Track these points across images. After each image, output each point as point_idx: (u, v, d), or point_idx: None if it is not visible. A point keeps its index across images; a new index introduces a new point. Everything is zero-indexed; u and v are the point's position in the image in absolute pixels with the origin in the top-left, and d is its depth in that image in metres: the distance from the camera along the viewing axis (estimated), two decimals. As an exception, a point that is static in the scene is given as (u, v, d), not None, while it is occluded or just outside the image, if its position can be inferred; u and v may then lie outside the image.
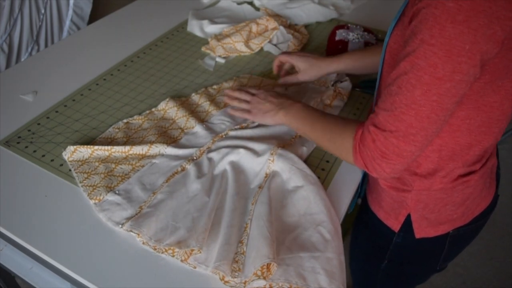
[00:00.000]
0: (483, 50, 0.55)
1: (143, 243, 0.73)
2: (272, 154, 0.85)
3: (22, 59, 2.28)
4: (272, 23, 1.30)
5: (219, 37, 1.27)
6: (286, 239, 0.73)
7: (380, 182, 0.82)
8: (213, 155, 0.88)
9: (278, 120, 0.86)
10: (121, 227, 0.75)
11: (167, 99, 1.03)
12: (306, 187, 0.80)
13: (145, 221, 0.74)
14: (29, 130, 0.96)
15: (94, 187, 0.81)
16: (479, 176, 0.75)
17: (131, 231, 0.74)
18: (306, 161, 0.90)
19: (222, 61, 1.22)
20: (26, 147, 0.92)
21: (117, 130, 0.95)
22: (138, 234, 0.73)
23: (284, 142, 0.91)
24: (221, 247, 0.70)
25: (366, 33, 1.19)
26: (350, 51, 1.05)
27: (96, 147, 0.88)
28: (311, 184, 0.81)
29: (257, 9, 1.46)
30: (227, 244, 0.70)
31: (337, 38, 1.18)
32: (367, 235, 0.92)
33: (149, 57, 1.23)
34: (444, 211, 0.78)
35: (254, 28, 1.29)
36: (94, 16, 2.46)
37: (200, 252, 0.70)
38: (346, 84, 1.07)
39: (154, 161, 0.88)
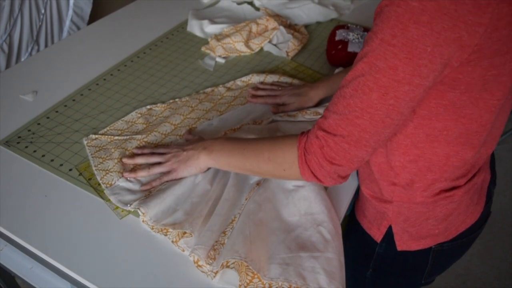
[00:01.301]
0: (445, 54, 0.52)
1: (143, 221, 0.76)
2: None
3: (22, 59, 2.28)
4: (272, 23, 1.30)
5: (219, 37, 1.27)
6: (286, 239, 0.73)
7: (363, 191, 0.80)
8: None
9: (203, 163, 0.79)
10: (129, 206, 0.78)
11: (193, 93, 1.07)
12: (307, 187, 0.80)
13: (151, 202, 0.77)
14: (29, 130, 0.96)
15: (107, 171, 0.85)
16: (464, 192, 0.72)
17: (138, 208, 0.76)
18: (306, 161, 0.90)
19: (222, 61, 1.22)
20: (26, 147, 0.92)
21: (139, 115, 1.00)
22: (144, 213, 0.76)
23: None
24: (203, 232, 0.72)
25: (366, 33, 1.19)
26: (325, 77, 1.05)
27: (116, 137, 0.93)
28: (312, 184, 0.81)
29: (257, 9, 1.46)
30: (209, 231, 0.72)
31: (337, 38, 1.18)
32: (354, 243, 0.90)
33: (149, 57, 1.23)
34: (425, 225, 0.75)
35: (254, 28, 1.29)
36: (94, 16, 2.46)
37: (191, 236, 0.72)
38: None
39: None
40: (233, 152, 0.75)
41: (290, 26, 1.36)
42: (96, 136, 0.93)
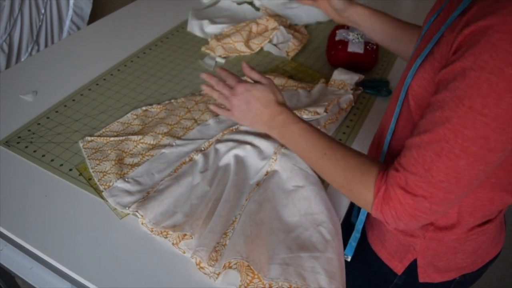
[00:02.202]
0: None
1: (142, 224, 0.76)
2: (275, 153, 0.86)
3: (22, 59, 2.28)
4: (272, 23, 1.30)
5: (219, 37, 1.27)
6: (286, 239, 0.73)
7: (387, 225, 0.75)
8: (220, 146, 0.90)
9: (273, 135, 0.76)
10: (128, 209, 0.77)
11: (189, 94, 1.07)
12: (307, 187, 0.80)
13: (149, 204, 0.77)
14: (29, 130, 0.96)
15: (105, 173, 0.85)
16: (494, 225, 0.72)
17: (136, 211, 0.76)
18: (306, 161, 0.90)
19: (222, 61, 1.22)
20: (26, 147, 0.92)
21: (135, 117, 1.00)
22: (142, 216, 0.76)
23: None
24: (205, 233, 0.72)
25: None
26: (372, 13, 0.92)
27: (112, 138, 0.92)
28: (312, 184, 0.81)
29: (257, 9, 1.46)
30: (210, 232, 0.72)
31: (337, 38, 1.18)
32: (364, 273, 0.85)
33: (149, 57, 1.23)
34: (454, 259, 0.73)
35: (254, 28, 1.29)
36: (94, 16, 2.46)
37: (192, 238, 0.72)
38: (358, 93, 1.08)
39: (163, 151, 0.90)
40: (305, 153, 0.71)
41: (290, 26, 1.36)
42: (92, 138, 0.93)
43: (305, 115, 0.97)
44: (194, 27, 1.35)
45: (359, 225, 0.77)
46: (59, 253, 0.72)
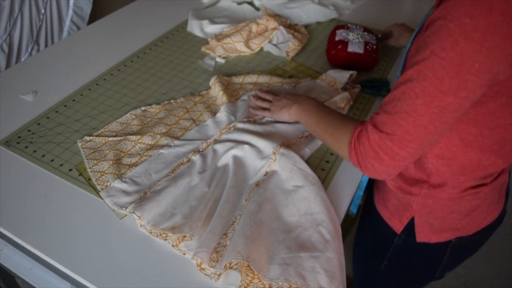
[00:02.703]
0: (494, 71, 0.54)
1: (141, 225, 0.75)
2: (274, 153, 0.85)
3: (22, 59, 2.28)
4: (272, 23, 1.30)
5: (219, 37, 1.27)
6: (286, 239, 0.73)
7: (388, 182, 0.82)
8: (218, 147, 0.90)
9: (292, 114, 0.89)
10: (125, 209, 0.77)
11: (188, 95, 1.07)
12: (306, 187, 0.80)
13: (147, 205, 0.77)
14: (29, 130, 0.96)
15: (102, 173, 0.85)
16: (489, 190, 0.75)
17: (133, 212, 0.76)
18: (306, 161, 0.90)
19: (222, 61, 1.22)
20: (26, 147, 0.92)
21: (133, 117, 0.99)
22: (139, 217, 0.75)
23: (289, 141, 0.91)
24: (205, 234, 0.72)
25: (366, 33, 1.19)
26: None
27: (110, 138, 0.92)
28: (312, 184, 0.81)
29: (257, 9, 1.46)
30: (211, 233, 0.72)
31: (337, 38, 1.18)
32: (369, 235, 0.93)
33: (149, 57, 1.23)
34: (448, 219, 0.77)
35: (254, 28, 1.29)
36: (94, 16, 2.46)
37: (192, 239, 0.72)
38: (356, 91, 1.07)
39: (161, 151, 0.90)
40: (312, 116, 0.84)
41: (290, 26, 1.36)
42: (90, 138, 0.93)
43: None
44: (194, 27, 1.35)
45: (363, 183, 0.85)
46: (59, 253, 0.72)
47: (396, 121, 0.61)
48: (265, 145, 0.88)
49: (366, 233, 0.94)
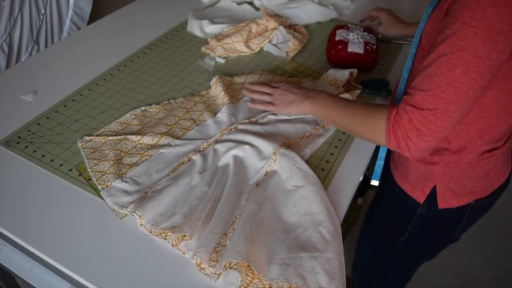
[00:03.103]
0: None
1: (141, 225, 0.75)
2: (274, 153, 0.85)
3: (22, 59, 2.28)
4: (272, 23, 1.30)
5: (219, 37, 1.27)
6: (286, 239, 0.73)
7: (409, 157, 0.85)
8: (218, 147, 0.90)
9: (304, 109, 0.89)
10: (126, 209, 0.77)
11: (188, 95, 1.07)
12: (306, 187, 0.80)
13: (147, 205, 0.77)
14: (29, 130, 0.96)
15: (103, 173, 0.85)
16: (501, 153, 0.81)
17: (133, 212, 0.76)
18: (307, 161, 0.90)
19: (222, 61, 1.22)
20: (26, 147, 0.92)
21: (133, 117, 0.99)
22: (140, 217, 0.75)
23: (289, 142, 0.92)
24: (205, 234, 0.72)
25: (366, 33, 1.19)
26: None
27: (110, 137, 0.92)
28: (312, 184, 0.81)
29: (257, 9, 1.46)
30: (211, 233, 0.72)
31: (337, 38, 1.18)
32: (388, 211, 0.97)
33: (149, 57, 1.23)
34: (468, 183, 0.83)
35: (254, 28, 1.29)
36: (94, 16, 2.46)
37: (191, 239, 0.72)
38: (357, 92, 1.07)
39: (162, 151, 0.90)
40: (333, 108, 0.84)
41: (290, 26, 1.36)
42: (90, 137, 0.93)
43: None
44: (194, 27, 1.35)
45: (381, 153, 0.88)
46: (59, 253, 0.72)
47: (437, 95, 0.65)
48: (265, 145, 0.88)
49: (382, 211, 0.98)
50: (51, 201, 0.81)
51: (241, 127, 0.95)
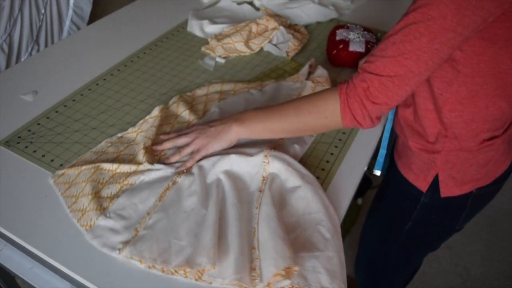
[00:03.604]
0: (485, 7, 0.62)
1: (149, 267, 0.69)
2: (266, 156, 0.83)
3: (22, 59, 2.28)
4: (272, 23, 1.30)
5: (219, 37, 1.28)
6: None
7: (411, 145, 0.88)
8: (203, 163, 0.85)
9: (235, 134, 0.82)
10: (119, 253, 0.70)
11: (156, 112, 0.97)
12: (303, 186, 0.80)
13: (144, 245, 0.71)
14: (29, 130, 0.96)
15: (83, 211, 0.77)
16: (501, 141, 0.83)
17: (131, 258, 0.70)
18: (306, 161, 0.90)
19: (222, 61, 1.22)
20: (26, 147, 0.92)
21: (109, 144, 0.91)
22: (140, 261, 0.69)
23: (274, 144, 0.90)
24: (237, 258, 0.68)
25: (366, 32, 1.19)
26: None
27: (84, 167, 0.83)
28: (309, 184, 0.80)
29: (257, 9, 1.46)
30: (242, 255, 0.68)
31: (337, 38, 1.18)
32: (393, 201, 1.00)
33: (149, 57, 1.23)
34: (469, 171, 0.85)
35: (254, 28, 1.29)
36: (94, 16, 2.47)
37: (214, 268, 0.67)
38: (321, 72, 1.07)
39: (142, 177, 0.83)
40: (268, 116, 0.80)
41: (290, 26, 1.36)
42: (63, 170, 0.84)
43: None
44: (194, 27, 1.35)
45: (384, 142, 0.92)
46: (59, 253, 0.72)
47: (399, 62, 0.66)
48: (253, 151, 0.85)
49: (386, 202, 1.00)
50: (51, 201, 0.81)
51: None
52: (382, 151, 0.94)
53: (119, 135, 0.94)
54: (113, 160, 0.86)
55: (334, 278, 0.68)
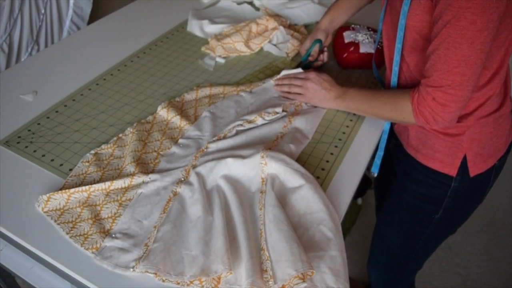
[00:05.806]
0: (504, 2, 0.71)
1: (163, 280, 0.68)
2: (263, 157, 0.83)
3: (22, 59, 2.28)
4: (272, 23, 1.30)
5: (219, 37, 1.28)
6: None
7: (435, 134, 0.91)
8: (200, 170, 0.85)
9: (336, 106, 1.01)
10: (133, 270, 0.69)
11: (135, 124, 0.97)
12: (303, 186, 0.80)
13: (157, 258, 0.69)
14: (29, 130, 0.96)
15: (86, 235, 0.74)
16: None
17: (146, 271, 0.69)
18: (305, 161, 0.90)
19: (222, 61, 1.22)
20: (26, 147, 0.92)
21: (87, 164, 0.87)
22: (156, 273, 0.68)
23: (269, 145, 0.90)
24: (247, 262, 0.68)
25: (372, 32, 1.18)
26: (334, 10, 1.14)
27: (72, 190, 0.80)
28: (309, 183, 0.80)
29: (257, 9, 1.46)
30: (251, 258, 0.68)
31: (346, 40, 1.16)
32: (416, 195, 1.00)
33: (149, 57, 1.23)
34: (492, 144, 0.91)
35: (254, 28, 1.29)
36: (94, 16, 2.47)
37: (231, 273, 0.67)
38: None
39: (140, 191, 0.82)
40: (362, 102, 0.95)
41: (290, 26, 1.36)
42: (48, 195, 0.79)
43: (267, 117, 0.97)
44: (194, 27, 1.35)
45: (382, 144, 0.97)
46: (59, 253, 0.72)
47: (451, 72, 0.75)
48: (249, 153, 0.85)
49: (411, 195, 1.00)
50: (51, 201, 0.81)
51: (213, 145, 0.90)
52: (380, 153, 0.96)
53: (92, 152, 0.90)
54: (99, 180, 0.84)
55: (338, 278, 0.68)
